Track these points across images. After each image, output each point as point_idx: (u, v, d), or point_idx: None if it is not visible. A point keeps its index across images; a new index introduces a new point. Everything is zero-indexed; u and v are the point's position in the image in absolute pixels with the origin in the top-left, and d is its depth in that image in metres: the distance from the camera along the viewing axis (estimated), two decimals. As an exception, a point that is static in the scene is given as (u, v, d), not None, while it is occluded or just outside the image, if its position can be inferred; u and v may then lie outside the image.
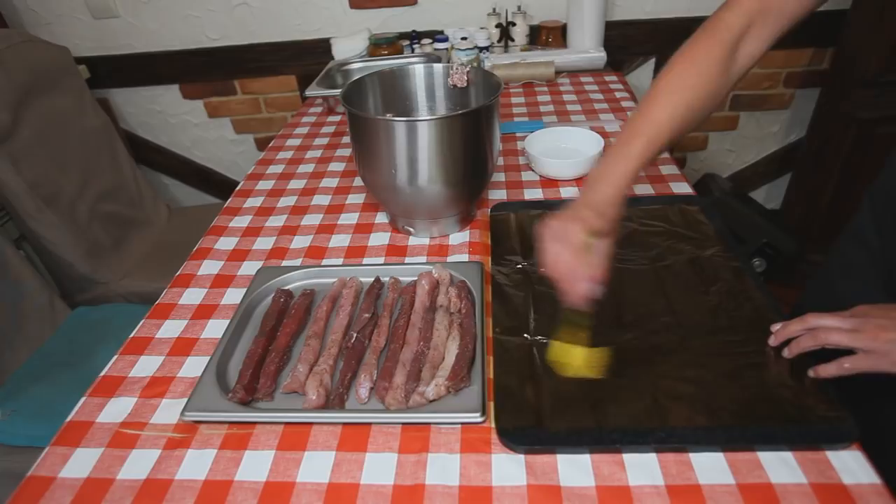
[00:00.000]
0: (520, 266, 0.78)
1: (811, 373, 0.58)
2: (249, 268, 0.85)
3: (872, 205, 0.73)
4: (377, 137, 0.78)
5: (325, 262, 0.85)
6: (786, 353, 0.61)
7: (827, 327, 0.57)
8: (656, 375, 0.60)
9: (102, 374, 0.68)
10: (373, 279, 0.77)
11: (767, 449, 0.52)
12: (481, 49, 1.56)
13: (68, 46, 1.58)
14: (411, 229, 0.89)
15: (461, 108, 0.93)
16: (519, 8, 1.62)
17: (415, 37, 1.66)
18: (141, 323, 0.76)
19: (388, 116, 0.79)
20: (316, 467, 0.55)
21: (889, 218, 0.70)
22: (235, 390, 0.61)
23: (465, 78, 0.90)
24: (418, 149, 0.76)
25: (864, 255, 0.73)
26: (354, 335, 0.67)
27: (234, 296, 0.79)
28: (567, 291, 0.60)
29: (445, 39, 1.59)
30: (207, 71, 1.83)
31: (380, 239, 0.89)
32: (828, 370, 0.57)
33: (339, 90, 0.88)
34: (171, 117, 1.94)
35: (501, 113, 1.31)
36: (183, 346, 0.71)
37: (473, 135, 0.79)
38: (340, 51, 1.60)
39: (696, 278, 0.73)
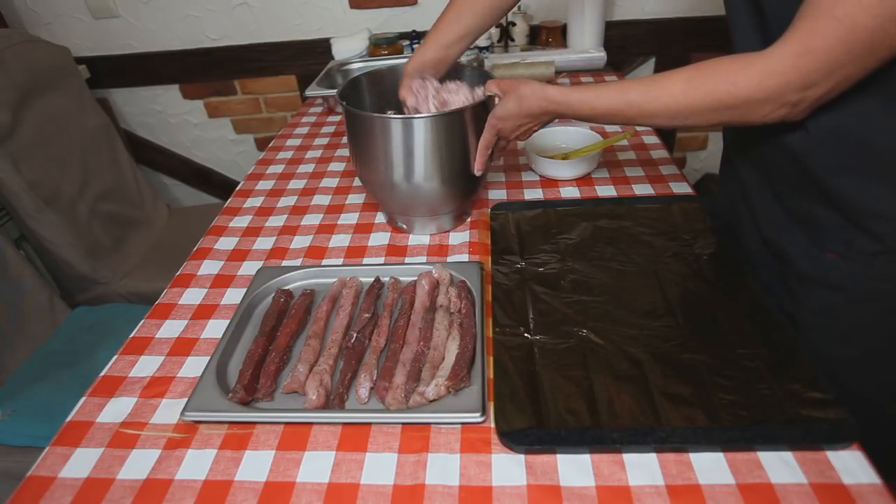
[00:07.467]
0: (519, 266, 0.78)
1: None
2: (249, 268, 0.85)
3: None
4: (374, 135, 0.78)
5: (325, 262, 0.85)
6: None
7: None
8: (656, 375, 0.60)
9: (102, 374, 0.68)
10: (373, 279, 0.77)
11: (767, 449, 0.52)
12: (481, 49, 1.56)
13: (68, 46, 1.58)
14: (405, 227, 0.89)
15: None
16: (519, 8, 1.62)
17: (415, 37, 1.66)
18: (141, 323, 0.76)
19: (387, 114, 0.79)
20: (316, 467, 0.55)
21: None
22: (235, 390, 0.61)
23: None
24: (414, 146, 0.77)
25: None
26: (354, 335, 0.67)
27: (234, 296, 0.79)
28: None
29: (445, 39, 1.58)
30: (207, 71, 1.83)
31: (380, 239, 0.89)
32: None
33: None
34: (171, 117, 1.94)
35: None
36: (183, 346, 0.71)
37: (467, 132, 0.79)
38: (340, 51, 1.60)
39: (696, 278, 0.73)
